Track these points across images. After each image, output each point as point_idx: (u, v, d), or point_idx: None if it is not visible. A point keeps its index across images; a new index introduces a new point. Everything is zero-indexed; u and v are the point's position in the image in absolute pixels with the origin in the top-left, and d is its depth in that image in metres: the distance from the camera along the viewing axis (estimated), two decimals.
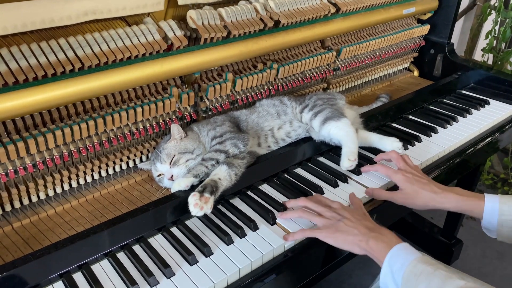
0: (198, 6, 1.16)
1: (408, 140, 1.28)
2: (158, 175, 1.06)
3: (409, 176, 1.03)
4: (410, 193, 1.01)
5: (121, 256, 0.88)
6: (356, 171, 1.14)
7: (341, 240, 0.88)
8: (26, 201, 0.98)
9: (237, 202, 1.04)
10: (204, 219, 0.97)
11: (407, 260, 0.80)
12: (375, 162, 1.16)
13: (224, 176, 0.99)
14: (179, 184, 0.99)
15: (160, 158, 1.05)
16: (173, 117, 1.13)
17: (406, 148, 1.26)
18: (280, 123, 1.19)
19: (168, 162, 1.04)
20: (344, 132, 1.14)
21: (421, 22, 1.75)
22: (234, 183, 1.01)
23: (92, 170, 1.06)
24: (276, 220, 0.97)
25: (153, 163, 1.08)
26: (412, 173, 1.05)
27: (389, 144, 1.18)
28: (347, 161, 1.10)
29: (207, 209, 0.92)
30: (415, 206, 1.02)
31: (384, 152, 1.16)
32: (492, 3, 2.35)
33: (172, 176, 1.03)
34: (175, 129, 1.07)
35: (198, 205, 0.91)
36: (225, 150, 1.05)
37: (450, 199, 0.98)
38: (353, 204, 1.00)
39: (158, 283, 0.82)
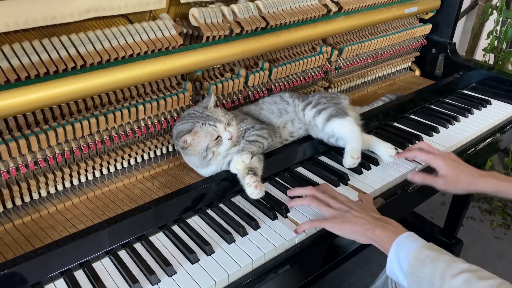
0: (200, 4, 1.15)
1: (409, 139, 1.28)
2: (216, 139, 1.02)
3: (449, 161, 1.06)
4: (451, 178, 1.05)
5: (123, 254, 0.88)
6: (358, 170, 1.13)
7: (348, 230, 0.90)
8: (27, 199, 0.98)
9: (238, 200, 1.04)
10: (206, 217, 0.97)
11: (412, 247, 0.82)
12: (378, 164, 1.16)
13: (258, 166, 1.02)
14: (244, 159, 0.99)
15: (218, 119, 1.02)
16: (175, 115, 1.12)
17: None
18: (283, 121, 1.18)
19: (225, 122, 1.03)
20: (348, 130, 1.12)
21: (423, 21, 1.75)
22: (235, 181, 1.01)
23: (94, 168, 1.05)
24: (288, 207, 0.99)
25: (208, 125, 1.01)
26: (450, 158, 1.07)
27: (383, 149, 1.16)
28: (350, 159, 1.09)
29: (263, 191, 0.96)
30: (455, 191, 1.07)
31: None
32: (493, 3, 2.34)
33: (232, 137, 1.02)
34: (214, 98, 1.08)
35: (258, 187, 0.94)
36: (266, 137, 1.09)
37: (489, 183, 1.03)
38: (363, 198, 1.01)
39: (160, 281, 0.82)
